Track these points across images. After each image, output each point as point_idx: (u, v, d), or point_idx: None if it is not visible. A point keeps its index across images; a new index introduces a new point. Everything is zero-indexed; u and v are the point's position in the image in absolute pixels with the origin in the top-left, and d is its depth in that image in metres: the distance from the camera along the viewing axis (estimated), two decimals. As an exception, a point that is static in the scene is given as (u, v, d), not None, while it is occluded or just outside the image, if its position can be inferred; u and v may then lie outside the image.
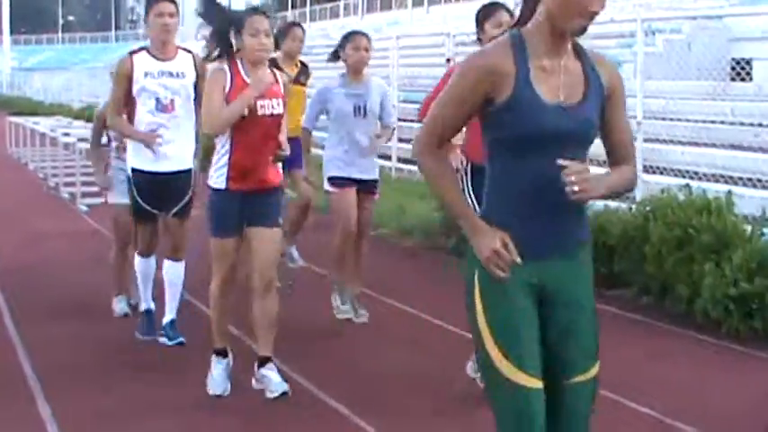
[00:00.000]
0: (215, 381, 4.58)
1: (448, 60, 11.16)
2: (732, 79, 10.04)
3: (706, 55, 10.66)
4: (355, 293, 5.89)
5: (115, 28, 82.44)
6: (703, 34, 12.13)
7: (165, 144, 5.02)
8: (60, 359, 5.26)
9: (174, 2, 5.08)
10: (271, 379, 4.42)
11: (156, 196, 5.12)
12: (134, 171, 5.12)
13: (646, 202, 6.34)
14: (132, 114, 5.07)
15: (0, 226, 9.97)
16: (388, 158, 12.04)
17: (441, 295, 6.73)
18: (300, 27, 7.13)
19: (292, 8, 54.00)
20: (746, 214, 6.30)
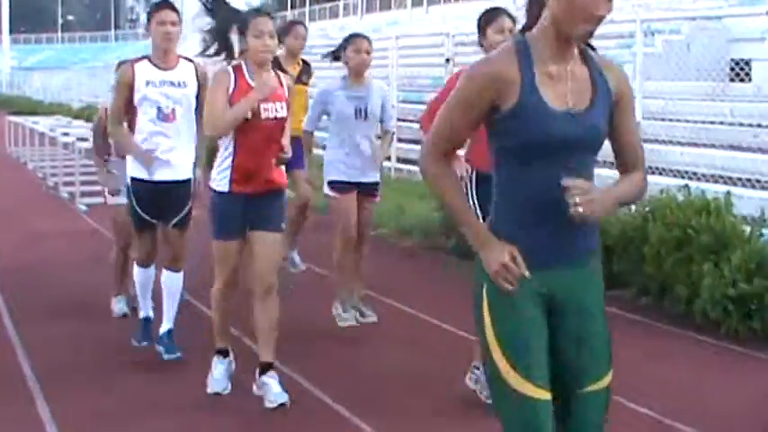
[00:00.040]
0: (215, 380, 4.59)
1: (447, 61, 11.17)
2: (731, 80, 10.04)
3: (705, 56, 10.67)
4: (360, 295, 5.86)
5: (115, 27, 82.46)
6: (702, 35, 12.13)
7: (166, 153, 4.97)
8: (60, 359, 5.26)
9: (177, 10, 5.02)
10: (271, 388, 4.38)
11: (156, 205, 5.05)
12: (133, 180, 5.05)
13: (645, 203, 6.34)
14: (133, 122, 5.01)
15: (-1, 226, 9.99)
16: (388, 159, 12.02)
17: (440, 295, 6.74)
18: (303, 25, 7.12)
19: (292, 8, 53.99)
20: (745, 215, 6.29)
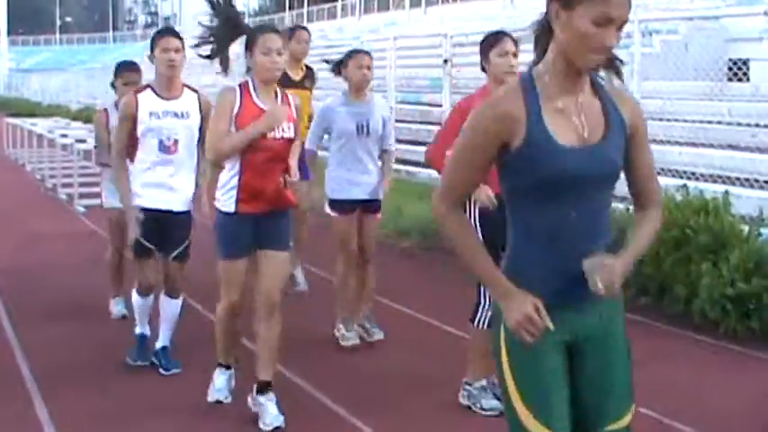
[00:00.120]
0: (217, 389, 4.52)
1: (445, 61, 11.16)
2: (729, 80, 10.02)
3: (703, 55, 10.65)
4: (365, 314, 5.69)
5: (113, 29, 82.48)
6: (700, 35, 12.13)
7: (166, 184, 4.91)
8: (58, 361, 5.26)
9: (180, 37, 4.96)
10: (267, 410, 4.29)
11: (155, 234, 4.97)
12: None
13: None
14: (134, 151, 4.96)
15: (-2, 227, 9.98)
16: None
17: (439, 296, 6.74)
18: (305, 29, 7.02)
19: (290, 9, 54.05)
20: (744, 214, 6.30)
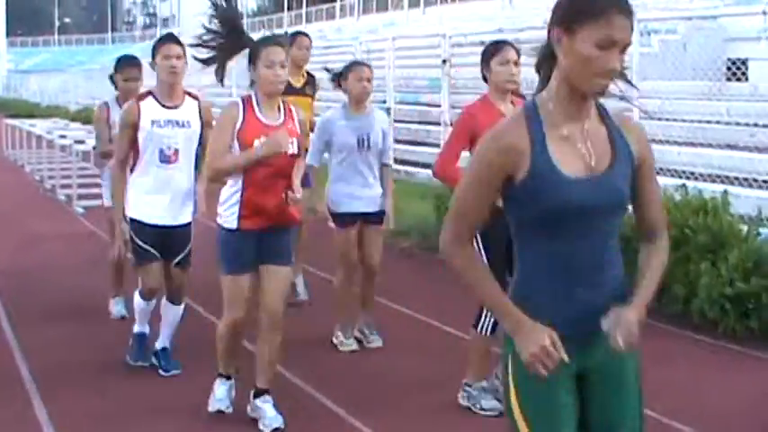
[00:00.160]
0: (217, 399, 4.45)
1: (444, 62, 11.17)
2: (728, 79, 10.02)
3: (701, 55, 10.65)
4: (366, 321, 5.64)
5: (111, 30, 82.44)
6: (699, 34, 12.14)
7: (165, 195, 4.91)
8: (57, 361, 5.26)
9: (181, 44, 4.94)
10: (265, 412, 4.29)
11: (156, 244, 4.96)
12: (132, 221, 4.96)
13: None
14: (135, 159, 4.94)
15: (-4, 228, 9.98)
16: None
17: (438, 296, 6.73)
18: (306, 35, 6.93)
19: (288, 9, 54.03)
20: (742, 214, 6.30)
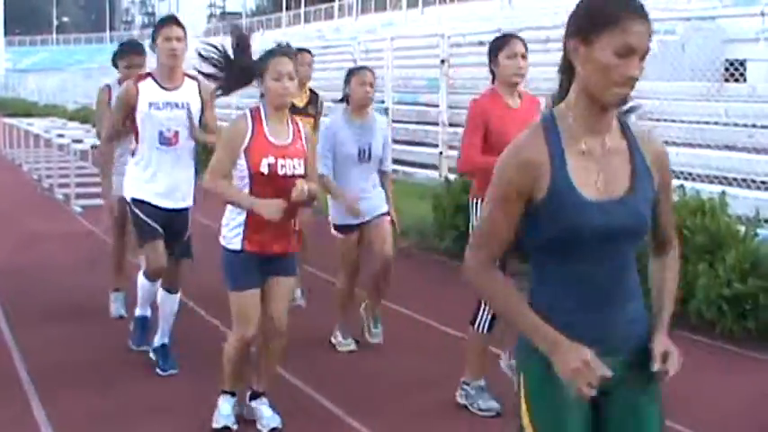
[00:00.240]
0: (222, 415, 4.33)
1: (442, 62, 11.17)
2: (726, 80, 10.04)
3: (700, 56, 10.66)
4: (374, 315, 5.58)
5: (110, 29, 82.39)
6: (697, 35, 12.15)
7: (166, 178, 4.89)
8: (55, 362, 5.26)
9: (182, 26, 4.91)
10: (262, 413, 4.28)
11: (158, 223, 4.93)
12: (134, 201, 4.94)
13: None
14: (136, 141, 4.92)
15: (-6, 228, 9.97)
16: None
17: (437, 296, 6.74)
18: (308, 51, 6.78)
19: (287, 9, 54.06)
20: (740, 215, 6.30)
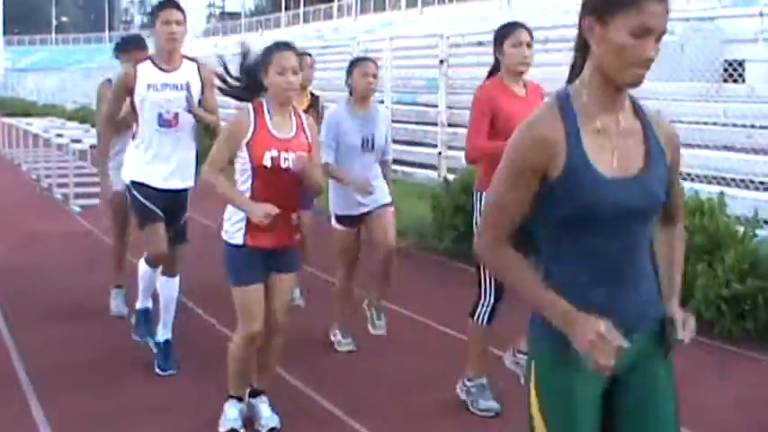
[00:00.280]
0: (228, 419, 4.24)
1: (441, 62, 11.17)
2: (725, 81, 10.04)
3: (699, 56, 10.66)
4: (378, 307, 5.51)
5: (109, 29, 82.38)
6: (696, 36, 12.14)
7: (166, 160, 4.88)
8: (54, 362, 5.26)
9: (182, 9, 4.90)
10: (261, 412, 4.28)
11: (158, 206, 4.92)
12: (133, 183, 4.93)
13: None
14: (136, 124, 4.92)
15: (-7, 228, 9.96)
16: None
17: (436, 296, 6.75)
18: (308, 55, 6.75)
19: (286, 9, 54.05)
20: (739, 215, 6.31)
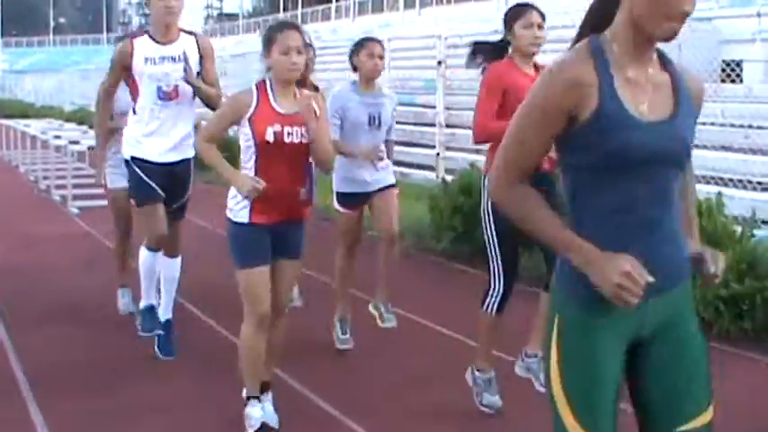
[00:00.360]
0: (255, 419, 4.12)
1: (439, 63, 11.18)
2: (722, 81, 10.05)
3: (696, 57, 10.65)
4: (383, 300, 5.49)
5: (106, 30, 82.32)
6: (693, 36, 12.13)
7: (166, 132, 4.87)
8: (52, 362, 5.25)
9: None
10: (265, 409, 4.25)
11: (159, 183, 4.92)
12: (133, 159, 4.91)
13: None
14: (135, 99, 4.91)
15: (-9, 229, 9.95)
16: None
17: (435, 297, 6.75)
18: (310, 45, 6.84)
19: (284, 11, 54.06)
20: (737, 215, 6.32)
